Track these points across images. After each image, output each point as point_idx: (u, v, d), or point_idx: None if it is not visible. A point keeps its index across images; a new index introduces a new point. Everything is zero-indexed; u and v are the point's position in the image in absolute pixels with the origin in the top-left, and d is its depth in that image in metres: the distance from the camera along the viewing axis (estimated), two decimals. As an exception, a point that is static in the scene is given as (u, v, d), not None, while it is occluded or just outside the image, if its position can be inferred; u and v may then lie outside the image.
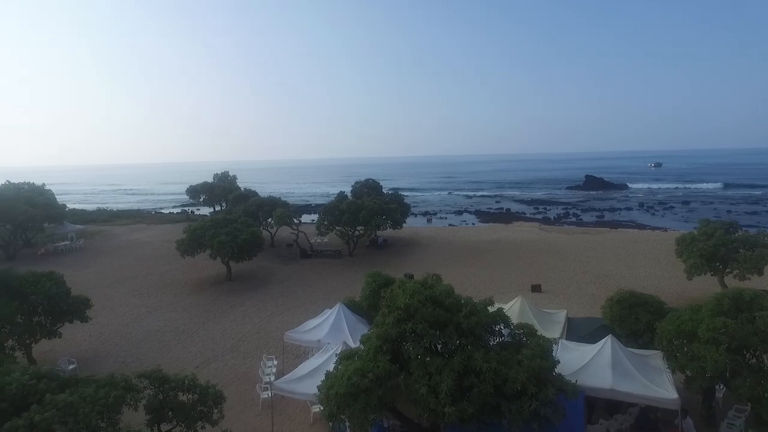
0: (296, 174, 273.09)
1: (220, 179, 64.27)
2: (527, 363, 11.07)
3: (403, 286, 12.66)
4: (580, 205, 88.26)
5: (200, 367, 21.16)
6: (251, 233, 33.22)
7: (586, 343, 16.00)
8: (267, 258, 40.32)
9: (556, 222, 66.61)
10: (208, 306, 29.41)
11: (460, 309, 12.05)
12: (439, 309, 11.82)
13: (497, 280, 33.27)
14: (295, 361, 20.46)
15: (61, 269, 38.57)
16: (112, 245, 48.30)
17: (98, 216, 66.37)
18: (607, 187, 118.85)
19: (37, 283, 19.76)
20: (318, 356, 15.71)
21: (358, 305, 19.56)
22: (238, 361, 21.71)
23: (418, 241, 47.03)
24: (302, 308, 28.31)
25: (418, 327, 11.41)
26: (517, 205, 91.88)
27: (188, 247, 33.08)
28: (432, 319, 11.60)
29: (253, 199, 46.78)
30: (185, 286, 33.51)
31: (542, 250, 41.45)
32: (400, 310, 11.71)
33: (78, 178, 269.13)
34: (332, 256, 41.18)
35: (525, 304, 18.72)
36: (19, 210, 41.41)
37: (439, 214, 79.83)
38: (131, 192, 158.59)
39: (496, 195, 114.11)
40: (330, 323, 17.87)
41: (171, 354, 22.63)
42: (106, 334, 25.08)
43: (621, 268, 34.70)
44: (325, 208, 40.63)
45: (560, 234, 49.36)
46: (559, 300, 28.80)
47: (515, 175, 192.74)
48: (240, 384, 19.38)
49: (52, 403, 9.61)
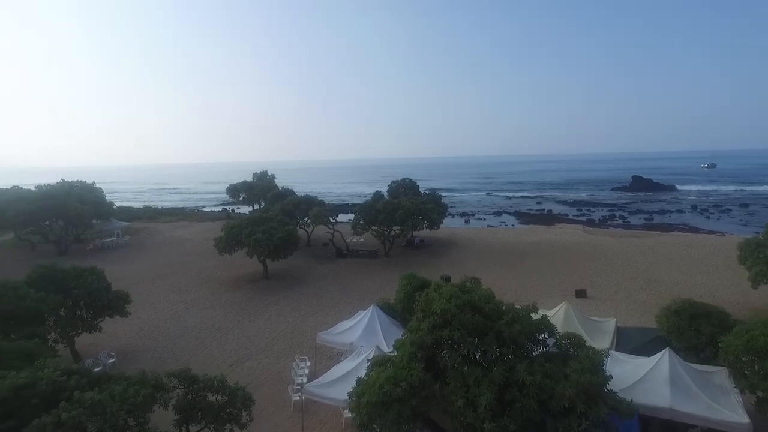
0: (333, 174, 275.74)
1: (259, 178, 65.20)
2: (576, 378, 10.10)
3: (439, 289, 11.91)
4: (626, 207, 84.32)
5: (234, 365, 21.10)
6: (287, 232, 33.20)
7: (639, 355, 14.73)
8: (303, 257, 40.34)
9: (601, 224, 63.73)
10: (244, 304, 29.54)
11: (501, 316, 11.19)
12: (478, 315, 11.00)
13: (538, 285, 31.86)
14: (328, 363, 20.06)
15: (107, 264, 40.02)
16: (155, 242, 49.71)
17: (144, 213, 68.75)
18: (655, 189, 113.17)
19: (80, 277, 20.22)
20: (350, 360, 15.16)
21: (392, 308, 18.92)
22: (272, 360, 21.52)
23: (455, 242, 45.95)
24: (336, 308, 27.95)
25: (456, 334, 10.64)
26: (559, 207, 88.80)
27: (226, 244, 33.42)
28: (470, 326, 10.80)
29: (290, 198, 47.02)
30: (222, 283, 33.87)
31: (587, 253, 39.53)
32: (436, 316, 10.98)
33: (126, 177, 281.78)
34: (368, 256, 40.75)
35: (570, 310, 17.54)
36: (71, 207, 43.24)
37: (477, 215, 78.14)
38: (175, 191, 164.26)
39: (537, 196, 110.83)
40: (363, 326, 17.32)
41: (206, 351, 22.73)
42: (146, 329, 25.53)
43: (674, 275, 32.50)
44: (361, 208, 40.24)
45: (606, 237, 47.02)
46: (606, 307, 27.18)
47: (556, 176, 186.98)
48: (272, 384, 19.14)
49: (80, 401, 9.46)
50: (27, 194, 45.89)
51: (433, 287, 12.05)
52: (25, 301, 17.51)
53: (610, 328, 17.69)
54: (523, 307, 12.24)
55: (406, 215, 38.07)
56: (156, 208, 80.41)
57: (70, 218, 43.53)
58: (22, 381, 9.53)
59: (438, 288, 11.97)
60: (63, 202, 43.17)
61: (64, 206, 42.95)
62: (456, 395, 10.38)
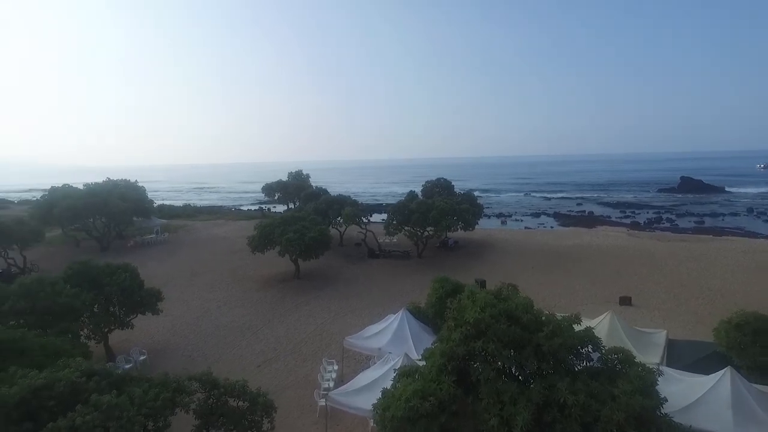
0: (368, 174, 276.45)
1: (294, 178, 65.58)
2: (625, 399, 9.05)
3: (473, 296, 11.06)
4: (674, 209, 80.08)
5: (261, 366, 20.85)
6: (319, 231, 32.90)
7: (693, 372, 13.37)
8: (335, 257, 40.02)
9: (647, 227, 60.62)
10: (274, 303, 29.40)
11: (540, 327, 10.24)
12: (515, 326, 10.10)
13: (579, 291, 30.25)
14: (356, 367, 19.49)
15: (145, 261, 41.03)
16: (192, 239, 50.64)
17: (182, 212, 70.47)
18: (706, 190, 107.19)
19: (113, 274, 20.44)
20: (378, 367, 14.49)
21: (423, 312, 18.13)
22: (299, 363, 21.14)
23: (491, 243, 44.55)
24: (366, 310, 27.38)
25: (490, 346, 9.78)
26: (601, 208, 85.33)
27: (258, 243, 33.46)
28: (506, 338, 9.91)
29: (323, 197, 46.87)
30: (255, 282, 33.93)
31: (632, 258, 37.39)
32: (469, 326, 10.14)
33: (169, 176, 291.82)
34: (400, 257, 40.02)
35: (616, 320, 16.25)
36: (112, 204, 44.60)
37: (514, 216, 76.04)
38: (214, 190, 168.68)
39: (578, 197, 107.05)
40: (392, 330, 16.62)
41: (235, 351, 22.60)
42: (178, 327, 25.71)
43: (731, 283, 30.15)
44: (394, 208, 39.54)
45: (653, 240, 44.46)
46: (654, 316, 25.43)
47: (597, 177, 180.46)
48: (299, 388, 18.72)
49: (96, 404, 9.18)
50: (74, 192, 47.73)
51: (467, 294, 11.21)
52: (60, 297, 17.78)
53: (661, 340, 16.30)
54: (564, 317, 11.24)
55: (440, 216, 37.10)
56: (195, 207, 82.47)
57: (112, 215, 44.88)
58: (40, 382, 9.35)
59: (471, 295, 11.12)
60: (105, 200, 44.56)
61: (107, 204, 44.31)
62: (489, 413, 9.53)
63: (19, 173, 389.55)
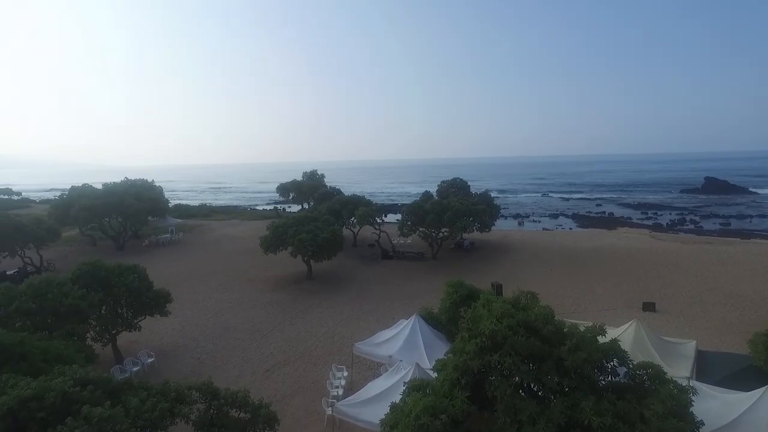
0: (384, 174, 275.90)
1: (309, 177, 65.31)
2: (657, 423, 8.22)
3: (488, 305, 10.30)
4: (698, 210, 77.64)
5: (270, 371, 20.34)
6: (332, 232, 32.39)
7: (728, 389, 12.38)
8: (348, 257, 39.51)
9: (670, 229, 58.76)
10: (286, 305, 28.94)
11: (562, 340, 9.43)
12: (535, 339, 9.31)
13: (600, 295, 29.12)
14: (366, 374, 18.86)
15: (159, 260, 41.08)
16: (207, 239, 50.68)
17: (198, 211, 70.80)
18: (731, 191, 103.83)
19: (122, 275, 20.12)
20: (388, 376, 13.81)
21: (436, 318, 17.38)
22: (309, 367, 20.57)
23: (507, 245, 43.52)
24: (378, 313, 26.74)
25: (507, 360, 9.01)
26: (621, 209, 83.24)
27: (270, 244, 33.08)
28: (525, 352, 9.14)
29: (336, 197, 46.38)
30: (267, 283, 33.57)
31: (655, 261, 36.03)
32: (485, 337, 9.38)
33: (187, 176, 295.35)
34: (414, 259, 39.29)
35: (642, 330, 15.27)
36: (127, 204, 44.80)
37: (531, 217, 74.59)
38: (230, 190, 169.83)
39: (596, 198, 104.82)
40: (404, 337, 15.92)
41: (245, 354, 22.15)
42: (188, 328, 25.40)
43: (761, 288, 28.70)
44: (409, 208, 38.84)
45: (676, 243, 42.90)
46: (679, 323, 24.25)
47: (616, 177, 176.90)
48: (307, 394, 18.14)
49: (87, 417, 8.68)
50: (91, 192, 48.16)
51: (482, 302, 10.44)
52: (67, 298, 17.52)
53: (690, 351, 15.28)
54: (587, 327, 10.41)
55: (455, 216, 36.26)
56: (210, 206, 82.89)
57: (128, 215, 45.08)
58: (29, 392, 8.89)
59: (487, 303, 10.36)
60: (121, 200, 44.78)
61: (122, 203, 44.52)
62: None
63: (47, 174, 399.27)
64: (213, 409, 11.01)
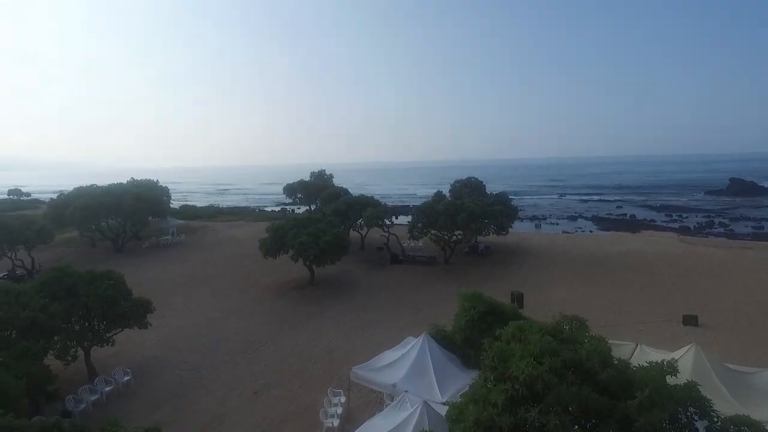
0: (394, 176, 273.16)
1: (317, 177, 63.00)
2: None
3: (521, 333, 7.68)
4: (726, 213, 73.64)
5: (259, 393, 17.90)
6: (335, 235, 29.89)
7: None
8: (355, 261, 36.98)
9: (698, 232, 55.19)
10: (285, 314, 26.53)
11: (627, 389, 6.77)
12: (589, 387, 6.66)
13: (631, 306, 26.12)
14: (367, 398, 16.28)
15: (156, 263, 38.99)
16: (210, 241, 48.51)
17: (204, 212, 68.92)
18: (759, 193, 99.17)
19: (93, 282, 17.83)
20: (390, 413, 11.19)
21: (449, 338, 14.68)
22: (303, 390, 18.05)
23: (525, 249, 40.55)
24: (385, 325, 24.14)
25: (552, 420, 6.36)
26: (644, 211, 79.46)
27: (270, 247, 30.71)
28: (577, 407, 6.49)
29: (343, 198, 43.88)
30: (267, 289, 31.23)
31: (689, 267, 32.84)
32: (518, 384, 6.75)
33: (195, 178, 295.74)
34: (425, 263, 36.60)
35: (702, 357, 12.44)
36: (127, 204, 42.88)
37: (549, 219, 71.35)
38: (238, 192, 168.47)
39: (617, 200, 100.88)
40: (410, 361, 13.30)
41: (234, 371, 19.73)
42: (175, 340, 23.08)
43: (816, 300, 25.51)
44: (419, 209, 36.16)
45: (710, 248, 39.50)
46: (725, 339, 21.27)
47: (637, 179, 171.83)
48: (298, 422, 15.65)
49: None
50: (89, 191, 46.37)
51: (512, 332, 7.81)
52: (24, 310, 15.26)
53: (764, 383, 12.39)
54: (652, 364, 7.72)
55: (469, 218, 33.52)
56: (217, 207, 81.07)
57: (127, 215, 43.17)
58: None
59: (520, 331, 7.73)
60: (120, 199, 42.89)
61: (121, 203, 42.62)
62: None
63: (57, 176, 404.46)
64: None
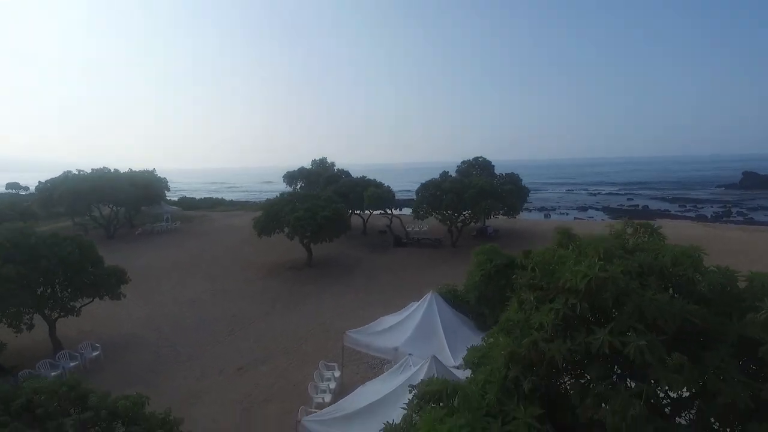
0: (398, 176, 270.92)
1: (318, 165, 60.86)
2: None
3: (571, 240, 5.48)
4: (743, 203, 70.96)
5: (243, 369, 15.78)
6: (334, 210, 27.74)
7: None
8: (356, 245, 34.87)
9: (716, 220, 52.63)
10: (278, 294, 24.42)
11: (736, 304, 4.55)
12: (683, 299, 4.44)
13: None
14: (366, 374, 14.11)
15: (149, 248, 36.95)
16: (205, 228, 46.65)
17: (202, 204, 67.09)
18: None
19: (56, 245, 15.76)
20: (389, 376, 9.01)
21: (460, 298, 12.46)
22: (294, 366, 15.92)
23: (537, 234, 38.14)
24: (386, 305, 21.77)
25: (632, 342, 4.13)
26: (656, 203, 76.93)
27: (264, 225, 28.60)
28: (669, 323, 4.27)
29: (344, 179, 41.77)
30: (261, 270, 29.13)
31: (717, 250, 30.14)
32: (575, 296, 4.53)
33: (194, 177, 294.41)
34: (431, 246, 34.41)
35: None
36: (118, 188, 41.01)
37: (558, 210, 69.01)
38: (239, 189, 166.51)
39: (627, 193, 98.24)
40: (415, 323, 11.13)
41: (216, 348, 17.64)
42: (157, 318, 20.99)
43: None
44: (425, 185, 33.95)
45: (736, 231, 37.01)
46: None
47: (643, 176, 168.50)
48: (285, 399, 13.49)
49: None
50: (81, 176, 44.52)
51: (559, 237, 5.63)
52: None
53: None
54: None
55: (477, 196, 31.25)
56: (216, 199, 79.13)
57: (118, 200, 41.27)
58: None
59: (568, 238, 5.53)
60: (111, 184, 41.03)
61: (112, 187, 40.74)
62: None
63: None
64: (75, 423, 6.38)
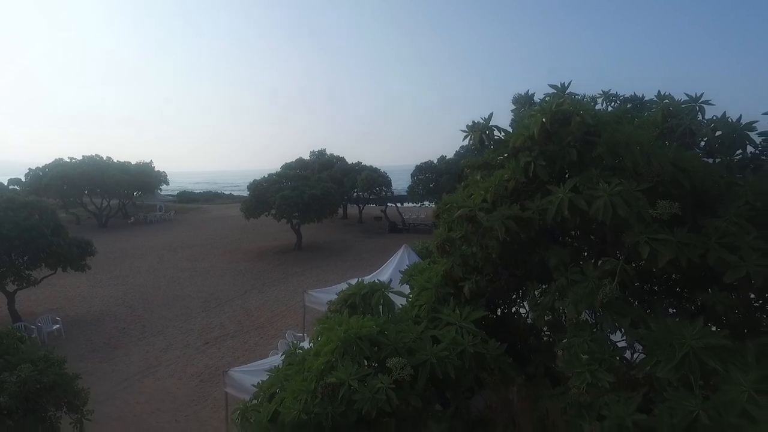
0: (398, 176, 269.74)
1: (317, 156, 59.74)
2: None
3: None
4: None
5: (210, 343, 14.66)
6: (322, 189, 26.60)
7: None
8: (351, 232, 33.87)
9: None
10: (261, 273, 23.31)
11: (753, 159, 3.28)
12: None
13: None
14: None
15: (139, 234, 36.08)
16: (200, 218, 45.97)
17: (201, 197, 66.35)
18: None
19: (13, 210, 14.72)
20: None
21: (432, 254, 11.18)
22: (265, 339, 14.82)
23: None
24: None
25: (603, 197, 2.88)
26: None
27: (252, 206, 27.55)
28: (654, 168, 3.02)
29: (338, 164, 40.66)
30: (246, 253, 28.08)
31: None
32: (528, 151, 3.28)
33: (195, 178, 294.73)
34: (427, 232, 33.16)
35: None
36: (109, 175, 40.17)
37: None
38: (238, 189, 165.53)
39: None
40: (388, 273, 9.96)
41: (186, 324, 16.52)
42: (129, 295, 19.93)
43: None
44: (420, 167, 32.75)
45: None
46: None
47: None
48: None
49: None
50: (67, 162, 43.48)
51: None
52: None
53: None
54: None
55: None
56: (215, 192, 78.24)
57: (108, 187, 40.41)
58: None
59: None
60: (102, 171, 40.22)
61: (103, 174, 39.91)
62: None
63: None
64: None
